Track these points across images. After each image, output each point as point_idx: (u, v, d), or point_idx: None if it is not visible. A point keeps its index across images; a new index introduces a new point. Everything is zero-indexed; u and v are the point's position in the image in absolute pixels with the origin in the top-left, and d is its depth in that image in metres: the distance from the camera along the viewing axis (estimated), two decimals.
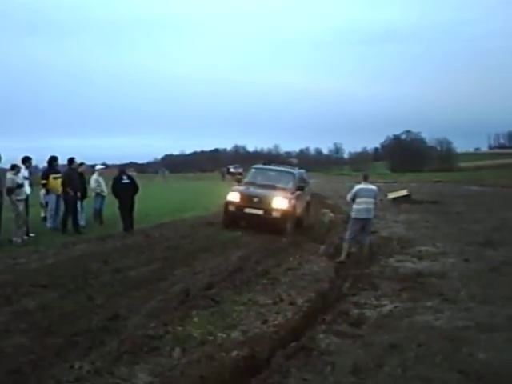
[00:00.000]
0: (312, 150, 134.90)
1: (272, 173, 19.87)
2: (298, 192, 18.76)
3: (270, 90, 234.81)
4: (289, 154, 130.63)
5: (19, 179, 13.99)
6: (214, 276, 10.92)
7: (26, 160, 15.34)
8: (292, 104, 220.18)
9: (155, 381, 5.82)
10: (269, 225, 17.28)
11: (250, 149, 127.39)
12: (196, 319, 7.89)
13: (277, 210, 17.41)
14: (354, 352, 6.84)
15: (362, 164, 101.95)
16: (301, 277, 11.24)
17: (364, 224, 13.71)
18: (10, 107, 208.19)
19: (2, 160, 13.76)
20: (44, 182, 16.38)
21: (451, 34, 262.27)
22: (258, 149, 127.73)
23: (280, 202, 17.52)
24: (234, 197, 18.19)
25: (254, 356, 6.65)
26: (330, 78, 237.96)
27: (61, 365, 6.10)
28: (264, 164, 21.70)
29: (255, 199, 17.73)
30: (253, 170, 20.70)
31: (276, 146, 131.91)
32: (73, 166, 16.18)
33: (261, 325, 7.93)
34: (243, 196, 18.03)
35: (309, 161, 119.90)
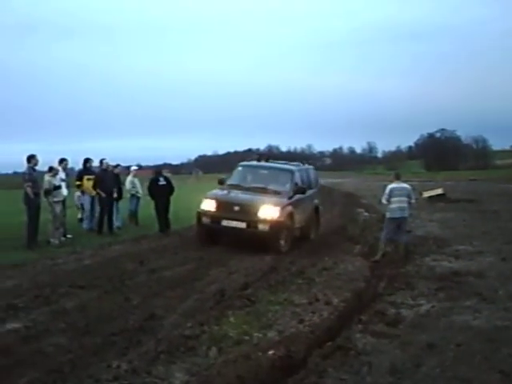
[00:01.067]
0: (345, 149, 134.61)
1: (264, 171, 15.83)
2: (299, 196, 15.11)
3: (304, 90, 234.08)
4: (322, 153, 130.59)
5: (56, 181, 14.19)
6: (249, 276, 10.95)
7: (62, 161, 15.55)
8: (325, 103, 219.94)
9: (192, 380, 5.85)
10: (255, 241, 13.71)
11: (284, 149, 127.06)
12: (232, 319, 7.91)
13: (264, 221, 13.61)
14: (391, 352, 6.79)
15: (396, 163, 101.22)
16: (336, 276, 11.18)
17: (399, 223, 13.60)
18: (45, 112, 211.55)
19: (40, 163, 13.97)
20: (78, 183, 16.59)
21: (484, 30, 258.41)
22: (292, 149, 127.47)
23: (269, 211, 13.72)
24: (208, 205, 14.31)
25: (290, 356, 6.64)
26: (364, 77, 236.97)
27: (99, 364, 6.17)
28: (258, 160, 16.75)
29: (236, 208, 13.91)
30: (239, 169, 16.29)
31: (309, 146, 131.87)
32: (103, 167, 16.34)
33: (297, 324, 7.91)
34: (220, 204, 14.18)
35: (342, 160, 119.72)
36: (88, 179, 16.27)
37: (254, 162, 16.69)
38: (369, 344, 7.03)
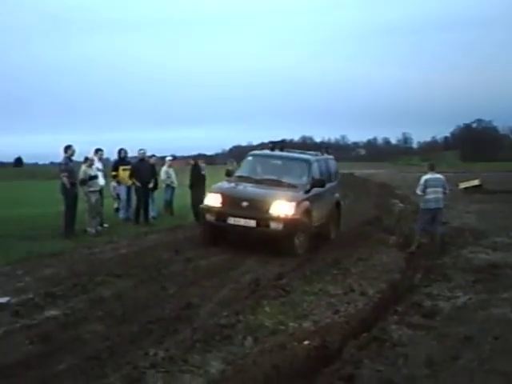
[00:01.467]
0: (380, 140, 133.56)
1: (277, 161, 14.15)
2: (317, 190, 13.38)
3: (339, 81, 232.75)
4: (356, 144, 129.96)
5: (92, 171, 14.34)
6: (283, 266, 10.96)
7: (97, 151, 15.72)
8: (360, 94, 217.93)
9: (228, 369, 5.88)
10: (267, 242, 12.19)
11: (318, 139, 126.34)
12: (267, 309, 7.93)
13: (277, 219, 11.94)
14: (427, 344, 6.73)
15: (431, 154, 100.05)
16: (371, 267, 11.12)
17: (434, 214, 13.46)
18: (81, 103, 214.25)
19: (76, 153, 14.13)
20: (114, 173, 16.75)
21: None
22: (326, 139, 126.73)
23: (282, 207, 12.04)
24: (212, 200, 12.67)
25: (325, 346, 6.62)
26: (400, 67, 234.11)
27: (136, 352, 6.25)
28: (271, 149, 14.83)
29: (244, 203, 12.20)
30: (249, 159, 14.57)
31: (343, 137, 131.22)
32: (140, 157, 16.45)
33: (332, 315, 7.90)
34: (226, 198, 12.50)
35: (377, 151, 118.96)
36: (124, 169, 16.42)
37: (267, 151, 14.94)
38: (405, 335, 6.98)
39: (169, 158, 19.91)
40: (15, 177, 57.34)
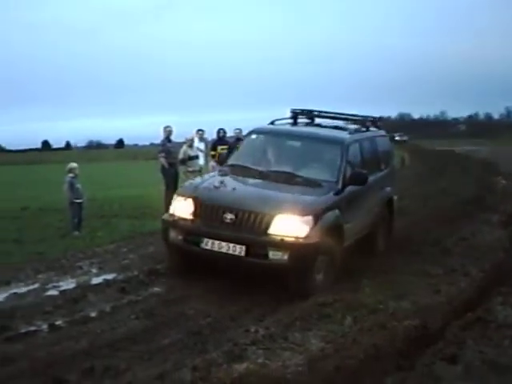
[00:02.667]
0: (481, 116, 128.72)
1: (293, 143, 9.50)
2: (353, 188, 8.59)
3: (438, 55, 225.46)
4: (456, 120, 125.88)
5: (192, 151, 14.61)
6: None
7: (198, 132, 16.04)
8: (460, 68, 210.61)
9: (328, 347, 5.88)
10: (264, 277, 7.75)
11: (416, 116, 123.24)
12: (366, 288, 7.86)
13: (280, 244, 7.39)
14: None
15: None
16: (473, 247, 10.77)
17: None
18: (185, 84, 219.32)
19: (174, 133, 14.46)
20: (213, 153, 16.99)
21: None
22: (424, 116, 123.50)
23: (289, 225, 7.48)
24: (180, 209, 8.14)
25: (426, 326, 6.51)
26: (500, 39, 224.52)
27: (237, 329, 6.42)
28: (294, 120, 10.23)
29: (228, 216, 7.59)
30: (252, 138, 9.79)
31: (443, 113, 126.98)
32: (237, 137, 16.58)
33: (432, 295, 7.76)
34: (201, 206, 7.89)
35: (478, 127, 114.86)
36: (222, 149, 16.60)
37: (282, 125, 10.12)
38: (510, 317, 6.76)
39: None
40: (117, 158, 59.41)
